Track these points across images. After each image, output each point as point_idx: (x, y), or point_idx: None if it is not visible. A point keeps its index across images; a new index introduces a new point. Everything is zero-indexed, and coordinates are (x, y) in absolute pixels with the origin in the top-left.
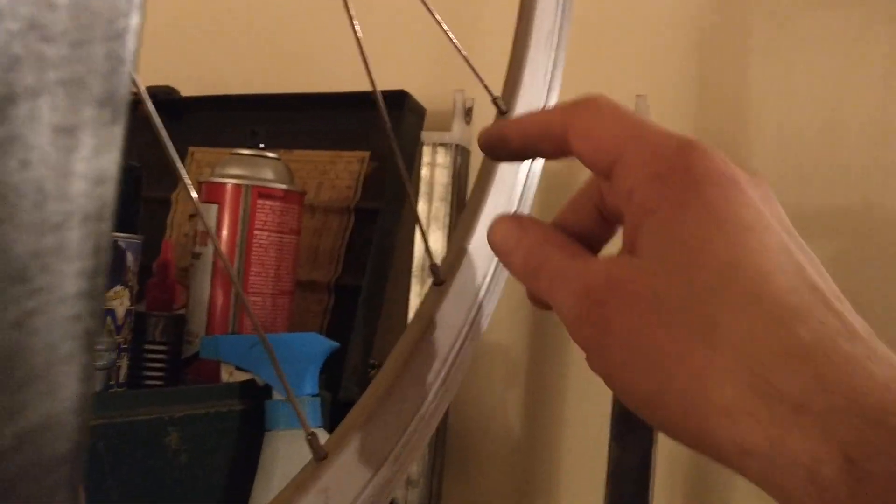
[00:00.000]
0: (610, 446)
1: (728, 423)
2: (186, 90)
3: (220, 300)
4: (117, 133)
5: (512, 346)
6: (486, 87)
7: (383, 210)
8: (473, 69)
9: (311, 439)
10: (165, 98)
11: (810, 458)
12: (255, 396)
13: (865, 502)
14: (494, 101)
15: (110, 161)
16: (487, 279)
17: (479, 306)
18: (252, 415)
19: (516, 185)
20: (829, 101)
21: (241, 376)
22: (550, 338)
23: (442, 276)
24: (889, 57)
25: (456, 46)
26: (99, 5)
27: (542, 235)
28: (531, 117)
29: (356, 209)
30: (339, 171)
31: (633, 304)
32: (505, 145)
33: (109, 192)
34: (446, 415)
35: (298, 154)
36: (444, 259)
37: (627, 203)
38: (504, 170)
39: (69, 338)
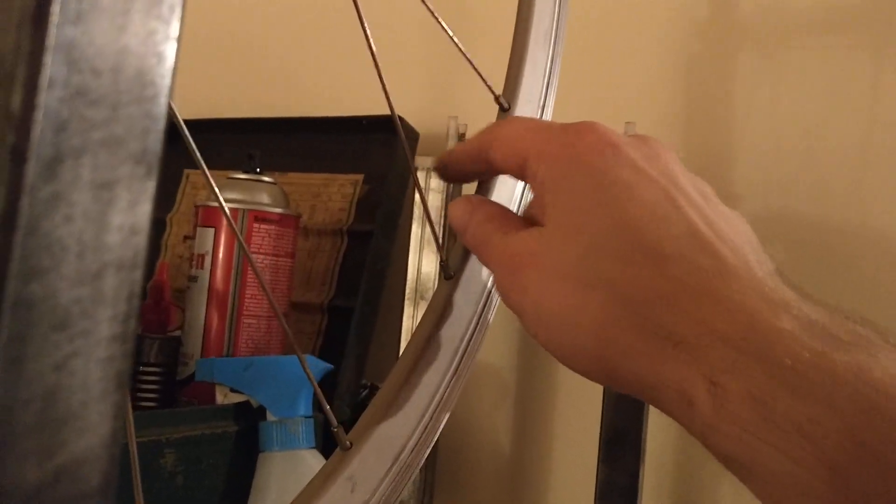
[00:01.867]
0: (598, 466)
1: (627, 361)
2: (183, 113)
3: (215, 322)
4: (150, 187)
5: (502, 366)
6: (488, 85)
7: (376, 232)
8: (475, 68)
9: (338, 431)
10: None
11: (685, 383)
12: (249, 418)
13: (725, 414)
14: (497, 98)
15: (143, 213)
16: (490, 280)
17: (488, 297)
18: (246, 436)
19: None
20: (812, 129)
21: (236, 398)
22: (539, 359)
23: (451, 270)
24: (872, 85)
25: (458, 47)
26: (135, 69)
27: (487, 213)
28: (462, 146)
29: (349, 231)
30: (332, 193)
31: (540, 271)
32: (444, 172)
33: (142, 241)
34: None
35: (292, 177)
36: (452, 255)
37: (534, 186)
38: (503, 178)
39: (104, 378)
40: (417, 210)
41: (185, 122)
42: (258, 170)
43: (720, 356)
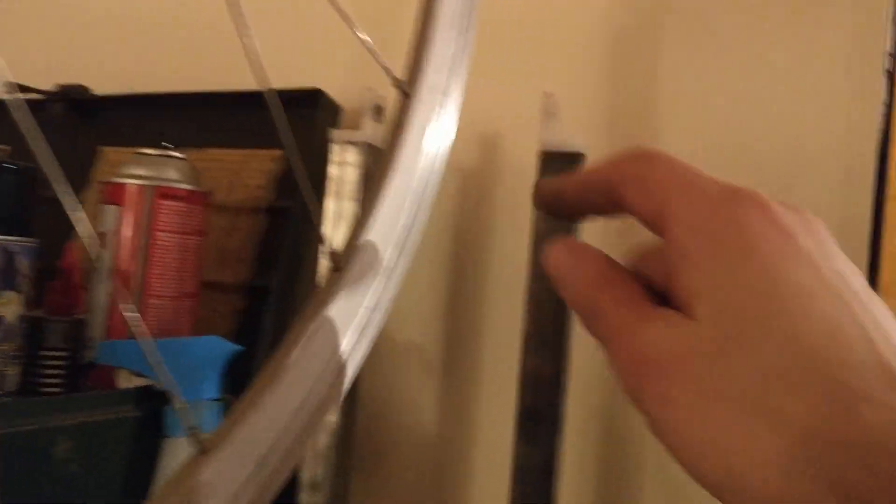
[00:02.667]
0: (515, 444)
1: None
2: (100, 88)
3: (119, 304)
4: None
5: (426, 344)
6: (386, 69)
7: (294, 209)
8: (372, 52)
9: (193, 433)
10: (78, 97)
11: None
12: (153, 402)
13: None
14: (398, 84)
15: None
16: (386, 272)
17: (377, 299)
18: (150, 421)
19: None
20: (741, 102)
21: (139, 381)
22: (463, 335)
23: (341, 262)
24: (798, 58)
25: (353, 30)
26: None
27: (597, 272)
28: (585, 173)
29: (268, 209)
30: (251, 170)
31: (690, 382)
32: (561, 202)
33: None
34: (353, 415)
35: (211, 153)
36: (344, 248)
37: (675, 255)
38: (408, 156)
39: None
40: (334, 186)
41: (105, 98)
42: (168, 145)
43: None
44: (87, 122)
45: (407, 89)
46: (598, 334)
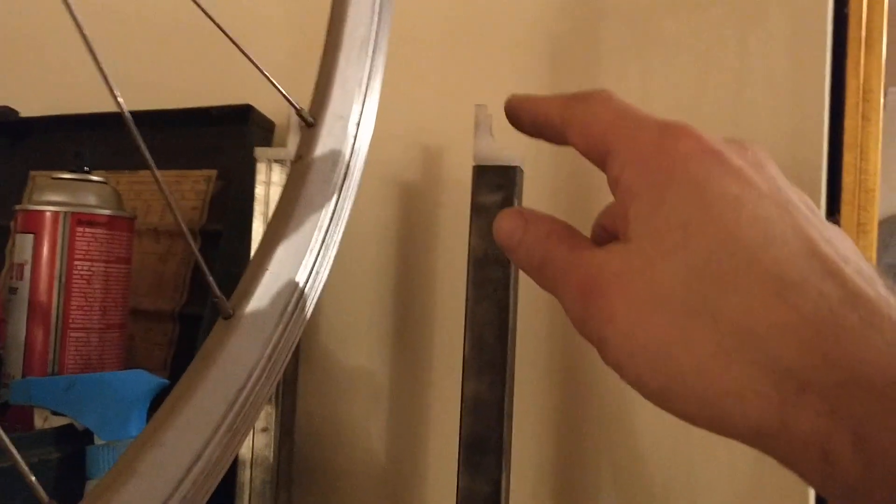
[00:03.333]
0: (459, 473)
1: (739, 404)
2: (28, 110)
3: (38, 338)
4: None
5: (375, 369)
6: (287, 98)
7: (225, 233)
8: (269, 78)
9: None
10: (4, 119)
11: (821, 436)
12: (74, 443)
13: (878, 477)
14: (298, 112)
15: None
16: (288, 313)
17: (277, 341)
18: (71, 462)
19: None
20: (682, 104)
21: (58, 421)
22: (411, 358)
23: (230, 308)
24: (739, 59)
25: (247, 56)
26: None
27: (546, 229)
28: (537, 104)
29: (202, 231)
30: (185, 191)
31: (630, 295)
32: (518, 122)
33: None
34: (290, 447)
35: (143, 175)
36: (238, 289)
37: (616, 190)
38: (311, 189)
39: None
40: (260, 206)
41: (34, 119)
42: (86, 168)
43: (865, 405)
44: (17, 144)
45: (309, 118)
46: (550, 281)
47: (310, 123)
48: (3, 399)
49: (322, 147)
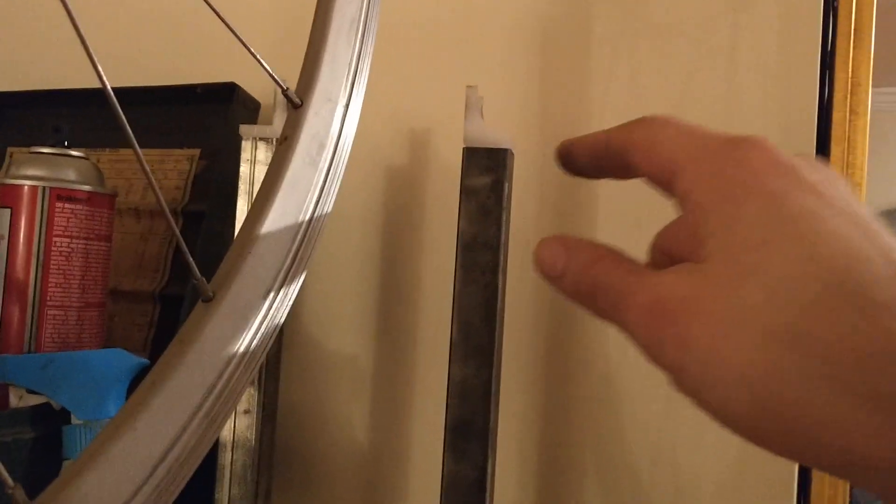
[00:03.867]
0: (444, 459)
1: (839, 436)
2: (2, 85)
3: (15, 315)
4: None
5: (358, 354)
6: (274, 78)
7: (207, 212)
8: (256, 57)
9: (14, 492)
10: None
11: None
12: (50, 422)
13: None
14: (285, 93)
15: None
16: (270, 298)
17: (259, 326)
18: (47, 442)
19: (312, 187)
20: (673, 90)
21: (34, 400)
22: (396, 343)
23: (211, 291)
24: (731, 46)
25: (233, 32)
26: None
27: (591, 255)
28: (593, 136)
29: (184, 212)
30: (167, 170)
31: (706, 320)
32: (573, 161)
33: None
34: (272, 430)
35: (125, 153)
36: (219, 271)
37: (685, 207)
38: (297, 171)
39: None
40: (244, 185)
41: (8, 94)
42: (66, 143)
43: None
44: None
45: (296, 99)
46: (607, 309)
47: (296, 104)
48: None
49: (308, 129)
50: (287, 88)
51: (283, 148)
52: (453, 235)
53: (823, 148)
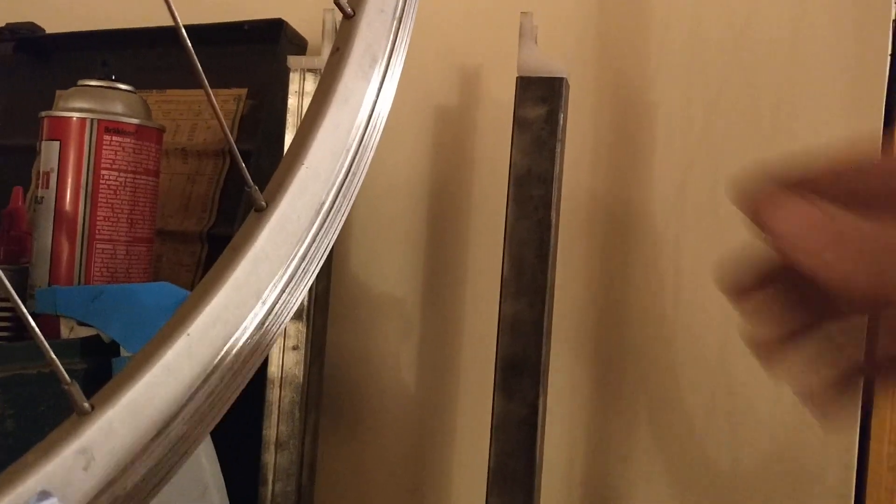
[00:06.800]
0: (494, 396)
1: None
2: (52, 27)
3: (64, 248)
4: None
5: (406, 300)
6: None
7: (255, 152)
8: None
9: (71, 389)
10: (30, 35)
11: None
12: (99, 354)
13: None
14: (337, 1)
15: None
16: (324, 211)
17: (312, 240)
18: (97, 374)
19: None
20: (738, 13)
21: (84, 332)
22: (444, 282)
23: (263, 200)
24: None
25: None
26: None
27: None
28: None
29: (231, 152)
30: None
31: None
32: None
33: None
34: (320, 370)
35: (171, 94)
36: (272, 181)
37: None
38: (349, 83)
39: None
40: (292, 118)
41: (59, 36)
42: (113, 77)
43: None
44: (41, 63)
45: (348, 8)
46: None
47: (349, 14)
48: (31, 309)
49: (361, 39)
50: None
51: (335, 59)
52: (504, 172)
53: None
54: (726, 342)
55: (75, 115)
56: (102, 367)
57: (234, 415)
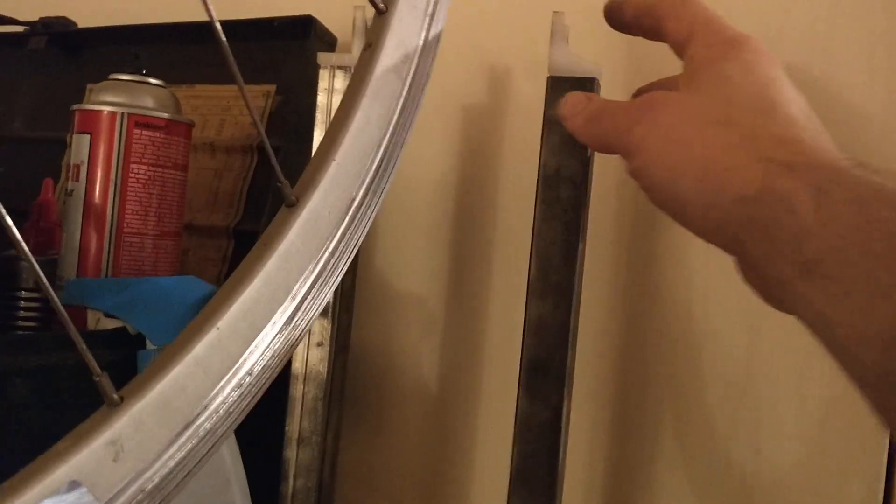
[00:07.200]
0: (518, 398)
1: (732, 176)
2: (84, 21)
3: (93, 241)
4: None
5: (429, 296)
6: None
7: (283, 148)
8: None
9: (102, 381)
10: (62, 30)
11: (790, 191)
12: (125, 346)
13: (825, 216)
14: None
15: None
16: (354, 207)
17: (342, 237)
18: (123, 366)
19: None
20: (772, 10)
21: (111, 324)
22: (468, 281)
23: (294, 196)
24: None
25: None
26: None
27: (605, 101)
28: (644, 2)
29: (259, 147)
30: (243, 106)
31: (679, 109)
32: (620, 15)
33: None
34: (344, 366)
35: (200, 89)
36: (302, 177)
37: (689, 64)
38: (380, 78)
39: None
40: (321, 115)
41: (91, 31)
42: (144, 72)
43: (826, 173)
44: (73, 57)
45: (380, 4)
46: (606, 124)
47: (381, 10)
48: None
49: (393, 35)
50: None
51: (367, 55)
52: (532, 172)
53: None
54: (754, 350)
55: (106, 108)
56: (128, 360)
57: (257, 410)
